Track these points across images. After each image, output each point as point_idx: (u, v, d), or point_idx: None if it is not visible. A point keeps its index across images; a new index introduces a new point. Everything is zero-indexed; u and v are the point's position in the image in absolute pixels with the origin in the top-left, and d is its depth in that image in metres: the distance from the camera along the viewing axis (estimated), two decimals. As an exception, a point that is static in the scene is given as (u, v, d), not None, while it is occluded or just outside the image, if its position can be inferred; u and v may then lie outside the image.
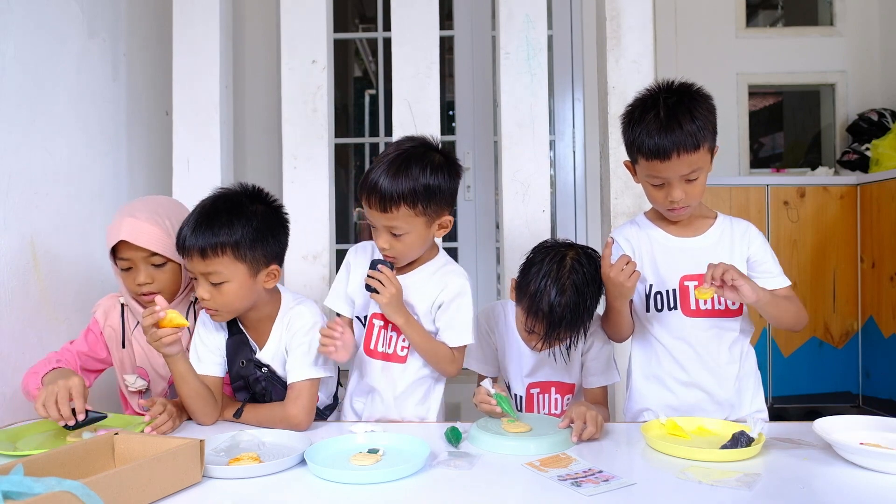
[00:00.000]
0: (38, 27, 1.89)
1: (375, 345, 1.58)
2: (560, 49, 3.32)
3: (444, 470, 1.19)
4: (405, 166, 1.43)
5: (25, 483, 0.86)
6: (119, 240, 1.54)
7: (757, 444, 1.23)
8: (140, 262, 1.57)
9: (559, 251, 1.52)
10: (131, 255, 1.56)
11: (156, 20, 2.54)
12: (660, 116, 1.43)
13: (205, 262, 1.42)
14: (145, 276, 1.57)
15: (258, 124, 3.20)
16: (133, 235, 1.53)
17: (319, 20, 2.35)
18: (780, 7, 4.27)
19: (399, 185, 1.42)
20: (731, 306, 1.55)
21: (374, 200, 1.43)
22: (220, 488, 1.12)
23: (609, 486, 1.09)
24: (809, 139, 4.01)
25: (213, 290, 1.44)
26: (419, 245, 1.52)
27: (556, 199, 3.32)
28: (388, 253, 1.49)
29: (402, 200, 1.42)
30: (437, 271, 1.57)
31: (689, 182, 1.47)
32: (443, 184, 1.46)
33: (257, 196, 1.52)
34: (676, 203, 1.48)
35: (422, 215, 1.46)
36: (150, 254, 1.56)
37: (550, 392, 1.65)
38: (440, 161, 1.48)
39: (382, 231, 1.47)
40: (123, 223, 1.54)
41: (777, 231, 3.21)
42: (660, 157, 1.43)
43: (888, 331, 3.02)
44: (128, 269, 1.59)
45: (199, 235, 1.41)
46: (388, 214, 1.44)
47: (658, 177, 1.47)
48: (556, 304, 1.45)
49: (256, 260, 1.46)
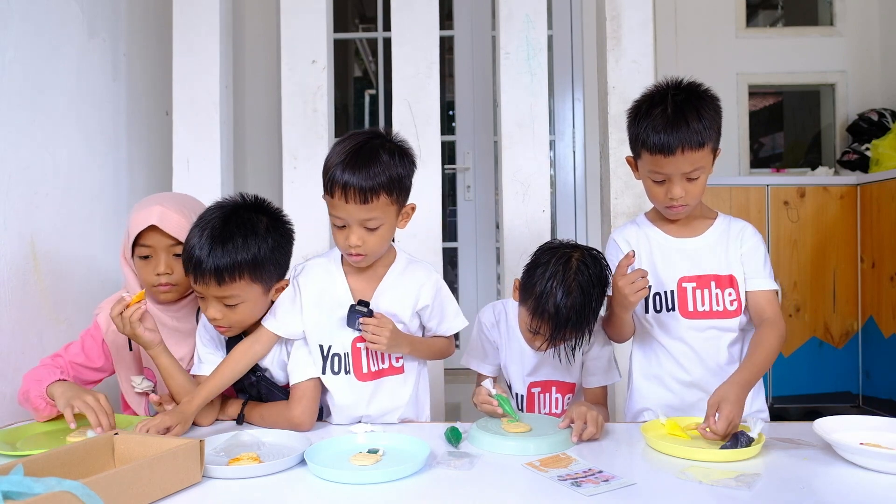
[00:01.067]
0: (38, 27, 1.89)
1: (368, 367, 1.50)
2: (560, 49, 3.32)
3: (444, 470, 1.19)
4: (374, 156, 1.37)
5: (25, 483, 0.87)
6: (149, 224, 1.52)
7: (757, 444, 1.23)
8: (162, 252, 1.55)
9: (564, 252, 1.51)
10: (155, 242, 1.54)
11: (156, 20, 2.54)
12: (667, 112, 1.44)
13: (221, 287, 1.39)
14: (166, 265, 1.55)
15: (258, 124, 3.20)
16: (163, 222, 1.52)
17: (319, 20, 2.35)
18: (780, 7, 4.27)
19: (376, 174, 1.36)
20: (728, 307, 1.55)
21: (352, 192, 1.35)
22: (219, 488, 1.12)
23: (609, 486, 1.09)
24: (809, 139, 4.01)
25: (225, 310, 1.43)
26: (388, 238, 1.46)
27: (556, 199, 3.32)
28: (359, 251, 1.40)
29: (381, 189, 1.36)
30: (404, 271, 1.52)
31: (689, 181, 1.47)
32: (408, 171, 1.44)
33: (261, 208, 1.49)
34: (676, 201, 1.48)
35: (395, 203, 1.42)
36: (175, 243, 1.54)
37: (551, 391, 1.65)
38: (400, 149, 1.44)
39: (355, 227, 1.39)
40: (153, 210, 1.53)
41: (777, 231, 3.21)
42: (664, 152, 1.44)
43: (888, 331, 3.02)
44: (146, 258, 1.56)
45: (214, 259, 1.37)
46: (368, 206, 1.36)
47: (660, 172, 1.47)
48: (563, 305, 1.44)
49: (270, 278, 1.46)
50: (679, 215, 1.55)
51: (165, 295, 1.58)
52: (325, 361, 1.49)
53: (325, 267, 1.51)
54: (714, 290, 1.54)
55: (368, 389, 1.50)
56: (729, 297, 1.54)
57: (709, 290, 1.54)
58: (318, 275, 1.51)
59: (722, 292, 1.54)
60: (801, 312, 3.21)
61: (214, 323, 1.45)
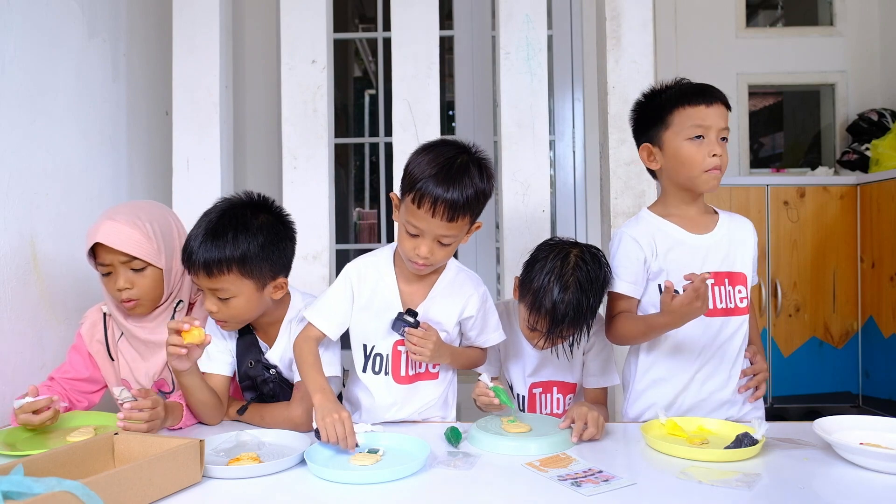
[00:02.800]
0: (38, 27, 1.89)
1: (406, 371, 1.52)
2: (560, 49, 3.32)
3: (444, 470, 1.19)
4: (466, 173, 1.37)
5: (25, 483, 0.87)
6: (95, 242, 1.49)
7: (757, 444, 1.24)
8: (119, 267, 1.52)
9: (563, 248, 1.51)
10: (110, 258, 1.51)
11: (156, 20, 2.54)
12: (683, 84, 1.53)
13: (210, 279, 1.42)
14: (124, 280, 1.51)
15: (258, 124, 3.19)
16: (109, 238, 1.48)
17: (319, 20, 2.35)
18: (780, 7, 4.27)
19: (467, 195, 1.35)
20: (739, 304, 1.54)
21: (441, 209, 1.33)
22: (219, 488, 1.12)
23: (609, 486, 1.09)
24: (809, 139, 4.01)
25: (220, 303, 1.45)
26: (452, 252, 1.46)
27: (556, 199, 3.32)
28: (425, 262, 1.39)
29: (468, 209, 1.37)
30: (453, 281, 1.53)
31: (723, 141, 1.50)
32: (490, 191, 1.42)
33: (263, 206, 1.51)
34: (716, 160, 1.47)
35: (471, 222, 1.41)
36: (130, 258, 1.51)
37: (552, 392, 1.65)
38: (487, 168, 1.42)
39: (429, 240, 1.37)
40: (101, 226, 1.49)
41: (777, 231, 3.21)
42: (706, 99, 1.48)
43: (888, 331, 3.02)
44: (108, 275, 1.54)
45: (204, 252, 1.40)
46: (452, 224, 1.36)
47: (701, 125, 1.48)
48: (559, 300, 1.44)
49: (263, 275, 1.46)
50: (715, 183, 1.51)
51: (133, 311, 1.56)
52: (366, 360, 1.52)
53: (377, 268, 1.52)
54: (728, 288, 1.54)
55: (403, 392, 1.52)
56: (739, 294, 1.54)
57: (724, 287, 1.53)
58: (371, 276, 1.51)
59: (734, 289, 1.54)
60: (801, 312, 3.21)
61: (213, 315, 1.48)
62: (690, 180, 1.52)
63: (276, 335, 1.56)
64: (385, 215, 3.38)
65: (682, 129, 1.49)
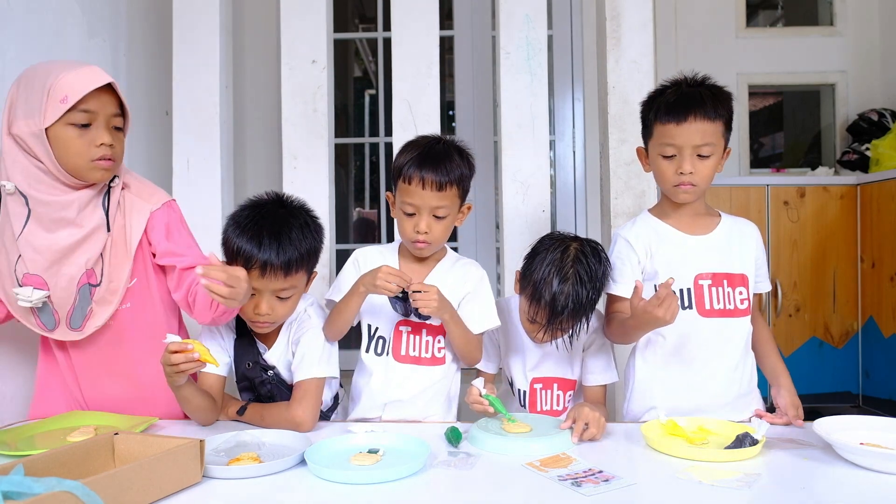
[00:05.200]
0: (38, 27, 1.89)
1: (407, 350, 1.61)
2: (560, 49, 3.32)
3: (444, 470, 1.19)
4: (448, 152, 1.54)
5: (25, 483, 0.87)
6: (98, 86, 1.35)
7: (758, 444, 1.24)
8: (103, 119, 1.39)
9: (564, 241, 1.54)
10: (98, 107, 1.37)
11: (156, 20, 2.54)
12: (682, 89, 1.51)
13: (286, 279, 1.45)
14: (110, 135, 1.39)
15: (258, 124, 3.19)
16: (102, 76, 1.36)
17: (319, 20, 2.35)
18: (780, 7, 4.27)
19: (450, 167, 1.52)
20: (739, 306, 1.55)
21: (429, 180, 1.49)
22: (219, 488, 1.12)
23: (609, 486, 1.09)
24: (809, 139, 4.01)
25: (276, 303, 1.47)
26: (450, 230, 1.58)
27: (556, 199, 3.32)
28: (426, 238, 1.53)
29: (454, 180, 1.52)
30: (453, 265, 1.65)
31: (700, 158, 1.48)
32: (470, 171, 1.58)
33: (291, 204, 1.56)
34: (685, 178, 1.48)
35: (459, 199, 1.56)
36: (115, 114, 1.41)
37: (553, 388, 1.65)
38: (464, 151, 1.59)
39: (425, 214, 1.52)
40: (95, 70, 1.36)
41: (777, 231, 3.21)
42: (676, 117, 1.46)
43: (888, 331, 3.03)
44: (84, 127, 1.37)
45: (282, 254, 1.43)
46: (442, 194, 1.50)
47: (671, 144, 1.48)
48: (559, 292, 1.46)
49: (313, 267, 1.56)
50: (687, 197, 1.53)
51: (103, 172, 1.41)
52: (370, 341, 1.63)
53: (382, 254, 1.66)
54: (727, 289, 1.54)
55: (403, 372, 1.60)
56: (740, 296, 1.54)
57: (722, 288, 1.54)
58: (376, 260, 1.61)
59: (734, 291, 1.54)
60: (801, 312, 3.21)
61: (264, 318, 1.48)
62: (666, 191, 1.57)
63: (276, 336, 1.56)
64: (385, 215, 3.38)
65: (657, 145, 1.53)
